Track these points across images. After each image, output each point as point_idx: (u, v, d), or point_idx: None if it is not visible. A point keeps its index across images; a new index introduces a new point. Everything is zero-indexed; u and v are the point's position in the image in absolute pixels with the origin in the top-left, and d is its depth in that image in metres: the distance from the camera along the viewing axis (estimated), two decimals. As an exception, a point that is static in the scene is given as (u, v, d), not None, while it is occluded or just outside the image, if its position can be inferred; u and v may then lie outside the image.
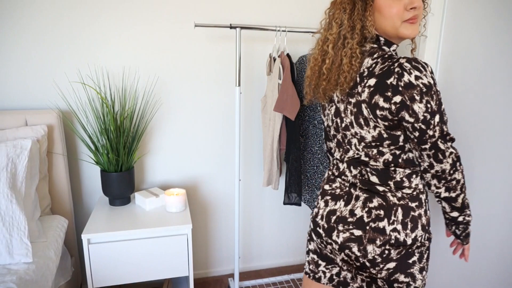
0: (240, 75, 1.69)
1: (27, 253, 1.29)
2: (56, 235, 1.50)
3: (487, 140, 1.39)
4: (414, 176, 0.99)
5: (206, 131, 1.99)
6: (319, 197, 1.10)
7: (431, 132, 0.90)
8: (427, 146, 0.92)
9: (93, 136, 1.79)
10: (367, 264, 0.99)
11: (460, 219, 1.02)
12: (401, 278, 0.98)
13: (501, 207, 1.35)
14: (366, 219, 0.98)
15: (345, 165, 1.06)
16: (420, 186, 1.01)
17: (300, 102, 1.70)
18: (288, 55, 1.73)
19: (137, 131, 1.79)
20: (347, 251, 1.01)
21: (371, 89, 0.92)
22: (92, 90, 1.77)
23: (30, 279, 1.23)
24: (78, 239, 1.93)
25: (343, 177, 1.07)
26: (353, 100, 0.97)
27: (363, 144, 0.99)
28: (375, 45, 0.99)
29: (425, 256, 1.02)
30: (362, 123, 0.96)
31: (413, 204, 0.97)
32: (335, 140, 1.08)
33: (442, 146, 0.92)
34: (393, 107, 0.90)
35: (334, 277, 1.12)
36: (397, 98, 0.89)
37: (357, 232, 0.98)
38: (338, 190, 1.06)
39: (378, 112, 0.92)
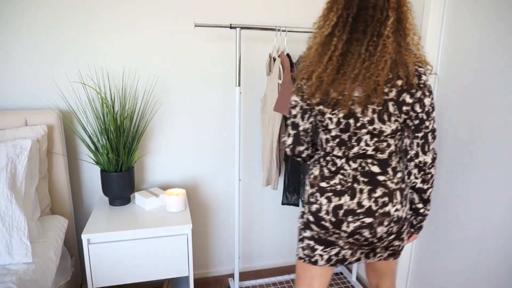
0: (240, 75, 1.69)
1: (26, 253, 1.29)
2: (56, 235, 1.50)
3: (487, 139, 1.39)
4: (400, 161, 1.19)
5: (206, 131, 1.99)
6: (317, 194, 1.18)
7: (427, 123, 1.10)
8: (420, 135, 1.11)
9: (93, 136, 1.79)
10: (375, 240, 1.15)
11: (421, 211, 1.22)
12: (396, 243, 1.20)
13: (502, 207, 1.34)
14: (374, 208, 1.12)
15: (343, 160, 1.16)
16: (403, 169, 1.21)
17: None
18: (288, 55, 1.73)
19: (137, 131, 1.79)
20: (357, 236, 1.14)
21: (399, 88, 1.06)
22: (92, 90, 1.77)
23: (30, 279, 1.23)
24: (78, 239, 1.93)
25: (341, 171, 1.16)
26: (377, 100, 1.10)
27: (375, 139, 1.12)
28: None
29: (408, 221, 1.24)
30: (386, 119, 1.09)
31: (404, 185, 1.16)
32: (336, 140, 1.16)
33: (429, 139, 1.12)
34: (414, 101, 1.07)
35: (332, 257, 1.22)
36: (418, 94, 1.07)
37: (368, 220, 1.12)
38: (338, 187, 1.15)
39: (404, 108, 1.07)
